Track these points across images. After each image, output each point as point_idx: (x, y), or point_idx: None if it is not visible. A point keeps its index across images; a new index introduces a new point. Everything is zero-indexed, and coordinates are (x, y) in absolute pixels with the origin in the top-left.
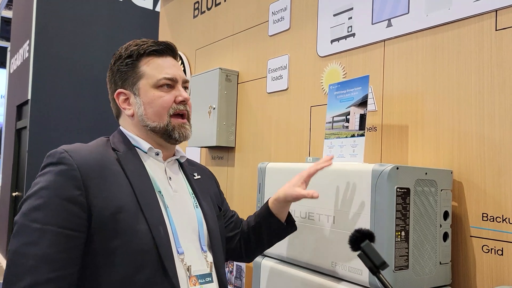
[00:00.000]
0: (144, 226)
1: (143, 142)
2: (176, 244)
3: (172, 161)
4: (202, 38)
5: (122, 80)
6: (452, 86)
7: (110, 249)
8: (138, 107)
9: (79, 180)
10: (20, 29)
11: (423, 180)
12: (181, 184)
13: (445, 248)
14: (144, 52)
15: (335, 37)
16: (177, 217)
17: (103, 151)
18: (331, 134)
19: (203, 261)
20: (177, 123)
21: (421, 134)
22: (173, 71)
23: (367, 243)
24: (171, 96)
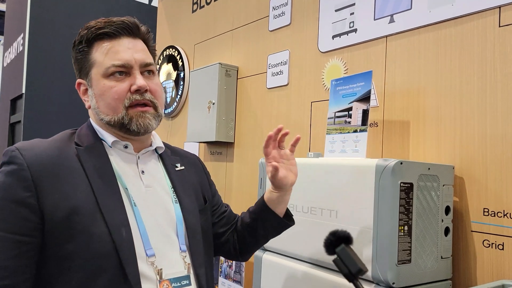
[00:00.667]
0: (102, 229)
1: (108, 135)
2: (145, 246)
3: (148, 152)
4: (201, 33)
5: (79, 69)
6: (454, 82)
7: (65, 254)
8: (91, 99)
9: (29, 180)
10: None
11: (426, 175)
12: (157, 178)
13: (446, 243)
14: (93, 36)
15: (337, 32)
16: (148, 215)
17: (62, 146)
18: (333, 130)
19: (180, 263)
20: (134, 112)
21: (422, 130)
22: (127, 55)
23: (343, 248)
24: (125, 85)
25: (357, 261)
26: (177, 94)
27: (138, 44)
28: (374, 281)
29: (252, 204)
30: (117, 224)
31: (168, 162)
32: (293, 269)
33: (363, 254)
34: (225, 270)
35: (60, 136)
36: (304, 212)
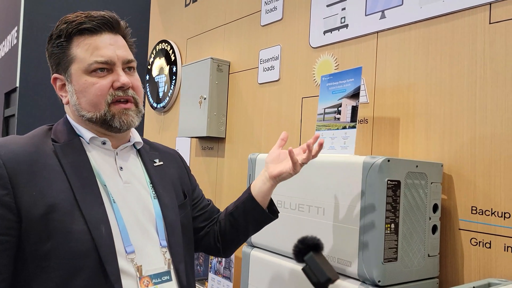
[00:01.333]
0: (81, 226)
1: (85, 131)
2: (125, 243)
3: (126, 148)
4: (193, 27)
5: (55, 63)
6: (444, 79)
7: (43, 253)
8: (71, 95)
9: (5, 177)
10: (8, 15)
11: (413, 173)
12: (135, 174)
13: (433, 241)
14: (73, 31)
15: (328, 28)
16: (128, 211)
17: (39, 142)
18: (322, 126)
19: (160, 259)
20: (117, 109)
21: (412, 127)
22: (109, 52)
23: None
24: (108, 82)
25: (325, 269)
26: (170, 88)
27: (119, 40)
28: (360, 279)
29: None
30: (96, 221)
31: (146, 158)
32: (280, 266)
33: (349, 251)
34: (214, 266)
35: (36, 132)
36: (292, 209)
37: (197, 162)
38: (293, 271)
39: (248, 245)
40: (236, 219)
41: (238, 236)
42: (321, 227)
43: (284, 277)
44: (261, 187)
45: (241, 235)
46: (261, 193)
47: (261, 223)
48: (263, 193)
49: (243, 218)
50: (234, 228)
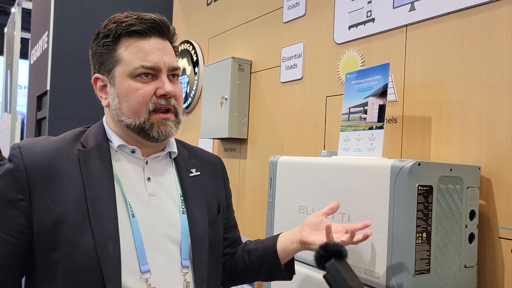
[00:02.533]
0: (87, 241)
1: (115, 138)
2: (140, 261)
3: (159, 157)
4: (215, 27)
5: (99, 63)
6: (481, 74)
7: (51, 262)
8: (113, 98)
9: (24, 182)
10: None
11: (447, 177)
12: (165, 185)
13: (470, 250)
14: (122, 32)
15: (353, 22)
16: (149, 227)
17: (65, 146)
18: (347, 126)
19: (179, 280)
20: (157, 119)
21: (445, 127)
22: (156, 57)
23: (332, 263)
24: (151, 88)
25: (348, 278)
26: (192, 89)
27: (167, 46)
28: None
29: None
30: (104, 236)
31: (182, 167)
32: (306, 276)
33: (377, 263)
34: None
35: (68, 135)
36: None
37: (226, 172)
38: (315, 279)
39: None
40: (251, 260)
41: (245, 276)
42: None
43: (305, 284)
44: (287, 245)
45: (249, 277)
46: (286, 251)
47: (273, 277)
48: (287, 252)
49: (258, 263)
50: (246, 267)
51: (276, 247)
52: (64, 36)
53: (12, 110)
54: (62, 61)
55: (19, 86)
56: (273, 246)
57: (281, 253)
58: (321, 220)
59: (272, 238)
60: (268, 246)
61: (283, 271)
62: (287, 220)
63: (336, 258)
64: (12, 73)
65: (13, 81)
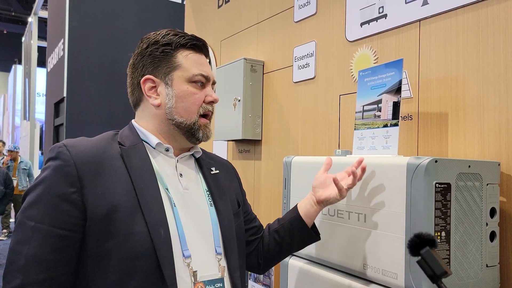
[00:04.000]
0: (141, 228)
1: (152, 137)
2: (182, 247)
3: (185, 157)
4: (227, 28)
5: (154, 66)
6: (498, 67)
7: (104, 251)
8: (169, 98)
9: (75, 176)
10: (55, 28)
11: (466, 174)
12: (194, 181)
13: (492, 249)
14: (184, 44)
15: (365, 19)
16: (187, 216)
17: (106, 145)
18: (361, 125)
19: (215, 265)
20: (203, 123)
21: (463, 123)
22: (209, 70)
23: (427, 250)
24: (203, 95)
25: (441, 263)
26: None
27: (208, 63)
28: None
29: (280, 203)
30: (156, 223)
31: (204, 166)
32: (320, 276)
33: (395, 263)
34: (254, 274)
35: (104, 136)
36: (331, 215)
37: (234, 165)
38: (334, 282)
39: None
40: (282, 237)
41: (280, 253)
42: (362, 235)
43: (322, 285)
44: (308, 209)
45: (283, 253)
46: (309, 215)
47: (306, 243)
48: (310, 215)
49: (289, 236)
50: (278, 246)
51: (300, 216)
52: (79, 43)
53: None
54: (78, 68)
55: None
56: (298, 216)
57: (306, 219)
58: (325, 177)
59: (292, 211)
60: (293, 217)
61: (313, 234)
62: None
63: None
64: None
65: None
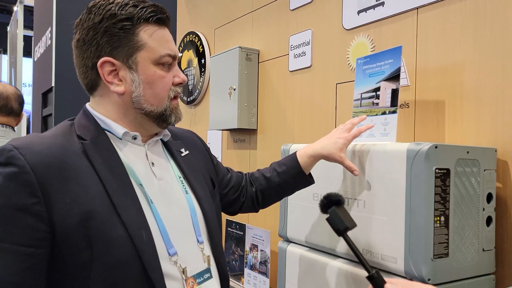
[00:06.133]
0: (121, 233)
1: (117, 126)
2: (167, 245)
3: (153, 142)
4: (221, 17)
5: (112, 46)
6: (496, 55)
7: (82, 263)
8: (135, 85)
9: (34, 184)
10: (42, 17)
11: (464, 160)
12: (166, 168)
13: (488, 234)
14: (147, 18)
15: (362, 7)
16: (166, 211)
17: (64, 142)
18: (359, 112)
19: (199, 256)
20: (174, 105)
21: (460, 110)
22: (174, 46)
23: (333, 209)
24: (171, 77)
25: (345, 220)
26: (199, 81)
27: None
28: (407, 276)
29: None
30: (136, 226)
31: (173, 149)
32: (319, 262)
33: (394, 248)
34: (250, 261)
35: (60, 130)
36: None
37: (229, 155)
38: (332, 267)
39: (284, 240)
40: (284, 189)
41: (279, 198)
42: (362, 221)
43: (321, 272)
44: (306, 162)
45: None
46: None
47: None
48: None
49: (292, 189)
50: (279, 195)
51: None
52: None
53: None
54: (66, 57)
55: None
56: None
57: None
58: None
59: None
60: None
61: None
62: (301, 209)
63: (336, 205)
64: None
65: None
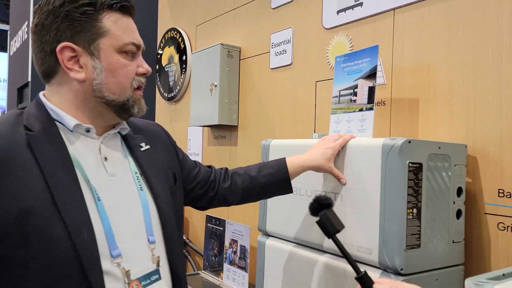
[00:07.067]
0: (60, 231)
1: (68, 117)
2: (110, 246)
3: (110, 135)
4: (203, 14)
5: (73, 31)
6: (467, 56)
7: (17, 261)
8: (97, 72)
9: None
10: (18, 10)
11: (436, 155)
12: (121, 164)
13: (458, 226)
14: (111, 5)
15: (342, 7)
16: (114, 209)
17: (9, 132)
18: (338, 109)
19: (148, 257)
20: (137, 96)
21: (433, 107)
22: (138, 36)
23: (324, 213)
24: (134, 66)
25: (335, 223)
26: (180, 77)
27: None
28: (381, 267)
29: None
30: (77, 224)
31: (132, 143)
32: (297, 254)
33: (369, 239)
34: (229, 256)
35: (5, 119)
36: (308, 195)
37: (209, 151)
38: (310, 260)
39: (263, 234)
40: (266, 191)
41: (258, 199)
42: (339, 214)
43: (300, 265)
44: (295, 171)
45: (260, 199)
46: (294, 175)
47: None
48: (295, 175)
49: (272, 193)
50: (260, 196)
51: (289, 180)
52: None
53: None
54: None
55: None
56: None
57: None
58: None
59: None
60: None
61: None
62: (281, 203)
63: (326, 208)
64: None
65: None
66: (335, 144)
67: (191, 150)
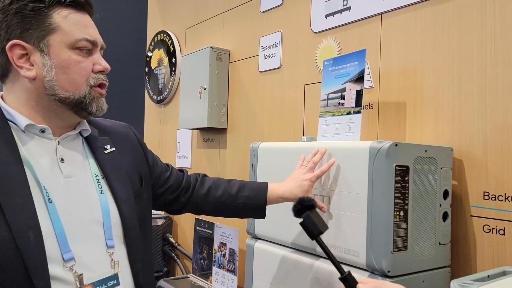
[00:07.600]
0: (4, 234)
1: (21, 117)
2: (62, 249)
3: (70, 136)
4: (192, 17)
5: (23, 28)
6: (452, 60)
7: None
8: (47, 69)
9: None
10: None
11: (422, 158)
12: (80, 166)
13: (444, 228)
14: (61, 0)
15: (330, 11)
16: (67, 212)
17: None
18: (326, 112)
19: (106, 262)
20: (96, 94)
21: (420, 111)
22: (95, 33)
23: (307, 214)
24: (90, 63)
25: (318, 224)
26: (169, 80)
27: (94, 24)
28: (368, 269)
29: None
30: (23, 227)
31: (95, 145)
32: (286, 257)
33: (356, 242)
34: (218, 260)
35: None
36: None
37: (198, 154)
38: (298, 262)
39: (252, 237)
40: (240, 212)
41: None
42: (327, 217)
43: (289, 268)
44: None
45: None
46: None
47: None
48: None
49: (245, 214)
50: (231, 214)
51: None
52: None
53: None
54: None
55: None
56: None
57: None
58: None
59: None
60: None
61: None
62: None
63: (309, 210)
64: None
65: None
66: (313, 175)
67: (180, 153)
